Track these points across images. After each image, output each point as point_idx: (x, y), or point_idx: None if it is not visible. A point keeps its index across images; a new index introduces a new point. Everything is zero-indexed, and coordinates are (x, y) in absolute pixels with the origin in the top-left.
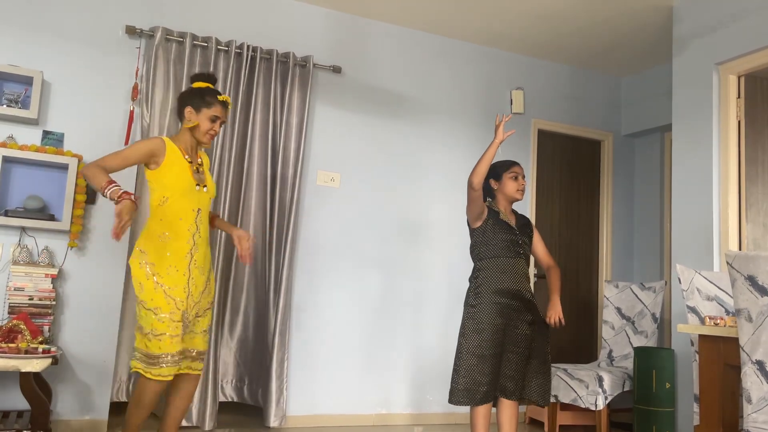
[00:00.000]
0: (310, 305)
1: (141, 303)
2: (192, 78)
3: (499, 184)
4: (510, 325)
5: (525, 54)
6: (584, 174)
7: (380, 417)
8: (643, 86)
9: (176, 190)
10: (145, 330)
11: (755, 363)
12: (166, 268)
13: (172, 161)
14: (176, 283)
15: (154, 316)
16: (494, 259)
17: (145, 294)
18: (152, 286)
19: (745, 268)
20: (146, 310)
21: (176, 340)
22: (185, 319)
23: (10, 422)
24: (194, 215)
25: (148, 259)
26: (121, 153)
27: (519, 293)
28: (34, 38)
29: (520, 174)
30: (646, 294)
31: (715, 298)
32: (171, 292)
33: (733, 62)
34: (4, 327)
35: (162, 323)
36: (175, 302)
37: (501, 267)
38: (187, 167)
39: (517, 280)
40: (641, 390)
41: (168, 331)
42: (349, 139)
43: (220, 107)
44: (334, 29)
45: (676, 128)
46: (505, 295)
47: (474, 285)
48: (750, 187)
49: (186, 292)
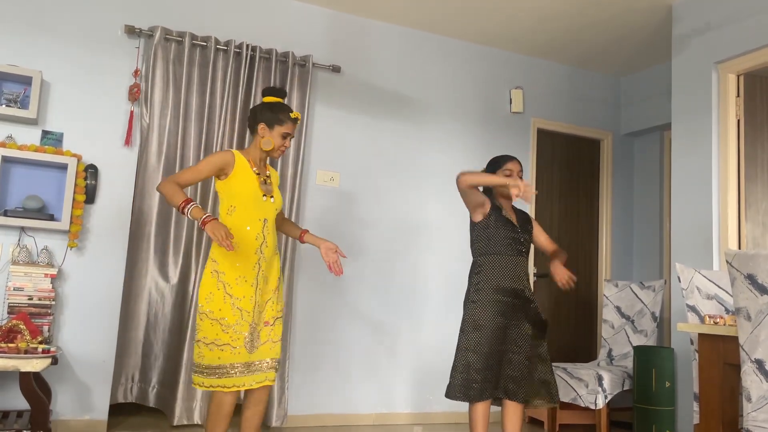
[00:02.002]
0: (310, 305)
1: (205, 313)
2: (263, 92)
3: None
4: (511, 325)
5: (524, 53)
6: (583, 173)
7: (381, 416)
8: (642, 85)
9: (243, 199)
10: (207, 341)
11: (754, 362)
12: (236, 279)
13: (240, 172)
14: (245, 293)
15: (219, 327)
16: (495, 256)
17: (212, 304)
18: (221, 297)
19: (744, 267)
20: (211, 321)
21: (240, 352)
22: (253, 331)
23: (9, 422)
24: (261, 225)
25: (219, 268)
26: (194, 167)
27: (520, 292)
28: (33, 38)
29: (515, 171)
30: (645, 293)
31: (715, 296)
32: (239, 303)
33: (732, 61)
34: (4, 327)
35: (226, 334)
36: (241, 313)
37: (502, 265)
38: (255, 178)
39: (518, 279)
40: (641, 389)
41: (231, 342)
42: (349, 138)
43: (291, 124)
44: (334, 29)
45: (676, 127)
46: (506, 294)
47: (475, 281)
48: (749, 186)
49: (253, 302)
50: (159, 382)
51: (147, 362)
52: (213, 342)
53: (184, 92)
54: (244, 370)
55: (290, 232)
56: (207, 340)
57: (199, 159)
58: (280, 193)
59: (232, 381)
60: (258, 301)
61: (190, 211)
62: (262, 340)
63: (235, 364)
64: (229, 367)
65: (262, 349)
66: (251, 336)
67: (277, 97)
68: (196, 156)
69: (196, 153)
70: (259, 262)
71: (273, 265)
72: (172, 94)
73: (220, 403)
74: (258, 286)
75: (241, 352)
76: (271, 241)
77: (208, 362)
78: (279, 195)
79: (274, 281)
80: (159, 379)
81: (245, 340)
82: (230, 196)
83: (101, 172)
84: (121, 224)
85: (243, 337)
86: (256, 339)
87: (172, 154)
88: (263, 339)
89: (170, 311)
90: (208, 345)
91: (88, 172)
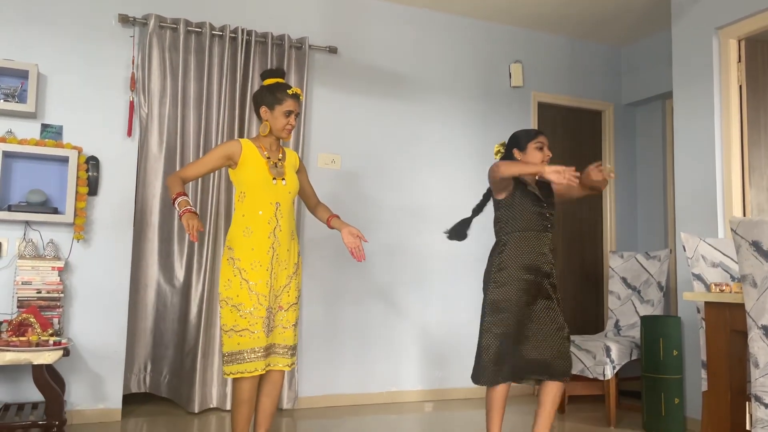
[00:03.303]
0: (317, 288)
1: (225, 300)
2: (261, 76)
3: (523, 154)
4: (535, 302)
5: (523, 27)
6: (586, 145)
7: (391, 395)
8: (642, 54)
9: (251, 185)
10: (226, 328)
11: (761, 328)
12: (251, 264)
13: (248, 158)
14: (260, 277)
15: (237, 313)
16: (521, 233)
17: (231, 290)
18: (238, 283)
19: (749, 234)
20: (230, 308)
21: (258, 336)
22: (270, 315)
23: (25, 414)
24: (273, 209)
25: (234, 255)
26: (200, 160)
27: (542, 269)
28: (27, 31)
29: (545, 144)
30: (651, 263)
31: (720, 264)
32: (255, 287)
33: (732, 26)
34: (15, 321)
35: (244, 319)
36: (258, 298)
37: (528, 241)
38: (264, 163)
39: (542, 256)
40: (649, 358)
41: (249, 327)
42: (348, 119)
43: (292, 100)
44: (329, 9)
45: (677, 95)
46: (531, 271)
47: (498, 261)
48: (753, 152)
49: (268, 287)
50: (170, 371)
51: (157, 352)
52: (232, 329)
53: (182, 80)
54: (265, 354)
55: (321, 217)
56: (226, 328)
57: (199, 146)
58: (298, 176)
59: (251, 366)
60: (273, 286)
61: (178, 203)
62: (275, 323)
63: (255, 348)
64: (249, 351)
65: (275, 333)
66: (268, 320)
67: (275, 77)
68: (196, 143)
69: (197, 140)
70: (273, 246)
71: (290, 249)
72: (169, 82)
73: (239, 389)
74: (273, 271)
75: (260, 336)
76: (285, 225)
77: (228, 349)
78: (293, 177)
79: (291, 266)
80: (170, 368)
81: (263, 323)
82: (239, 183)
83: (103, 164)
84: (125, 214)
85: (261, 320)
86: (271, 321)
87: (172, 143)
88: (276, 323)
89: (178, 300)
90: (227, 332)
91: (90, 163)
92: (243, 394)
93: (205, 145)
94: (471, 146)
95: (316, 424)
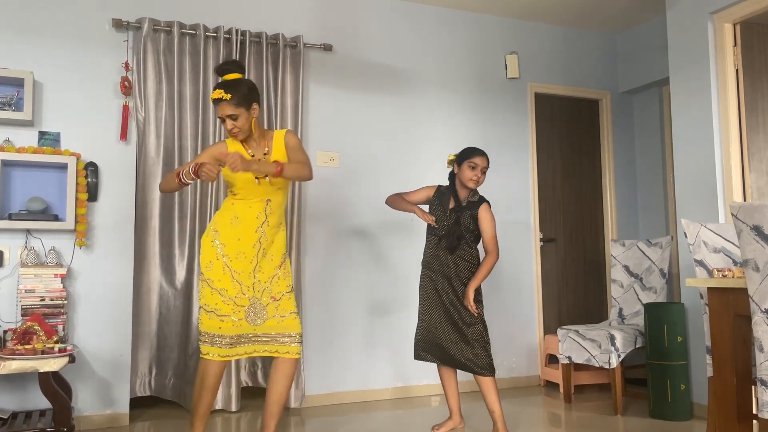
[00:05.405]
0: (320, 286)
1: (207, 281)
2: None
3: (459, 169)
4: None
5: (517, 18)
6: (584, 134)
7: (398, 390)
8: (638, 41)
9: (238, 184)
10: (208, 308)
11: (765, 312)
12: (236, 253)
13: None
14: (243, 267)
15: (219, 297)
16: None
17: (213, 273)
18: (221, 267)
19: (750, 219)
20: (211, 290)
21: (240, 324)
22: (255, 304)
23: (33, 422)
24: (263, 204)
25: (220, 239)
26: (189, 162)
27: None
28: (21, 39)
29: (480, 165)
30: (652, 250)
31: (722, 249)
32: (239, 276)
33: (727, 10)
34: (19, 329)
35: (227, 305)
36: (241, 287)
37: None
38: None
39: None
40: (653, 345)
41: (233, 314)
42: (346, 116)
43: (217, 106)
44: (322, 7)
45: (674, 81)
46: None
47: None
48: (751, 136)
49: (252, 279)
50: (175, 374)
51: (162, 355)
52: (213, 311)
53: (177, 82)
54: (246, 341)
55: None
56: (208, 308)
57: (197, 148)
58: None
59: (227, 351)
60: (259, 279)
61: (184, 174)
62: (269, 314)
63: (240, 335)
64: (230, 338)
65: (270, 323)
66: (252, 307)
67: (219, 74)
68: (194, 146)
69: (194, 143)
70: (260, 240)
71: (276, 242)
72: (165, 85)
73: (205, 371)
74: (257, 264)
75: (243, 324)
76: (273, 220)
77: (206, 329)
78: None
79: (277, 258)
80: (174, 371)
81: (246, 311)
82: (229, 182)
83: (101, 169)
84: (125, 219)
85: (243, 309)
86: (260, 311)
87: (170, 146)
88: (270, 314)
89: (180, 303)
90: (209, 313)
91: (89, 169)
92: (214, 380)
93: (202, 147)
94: (469, 139)
95: (325, 422)
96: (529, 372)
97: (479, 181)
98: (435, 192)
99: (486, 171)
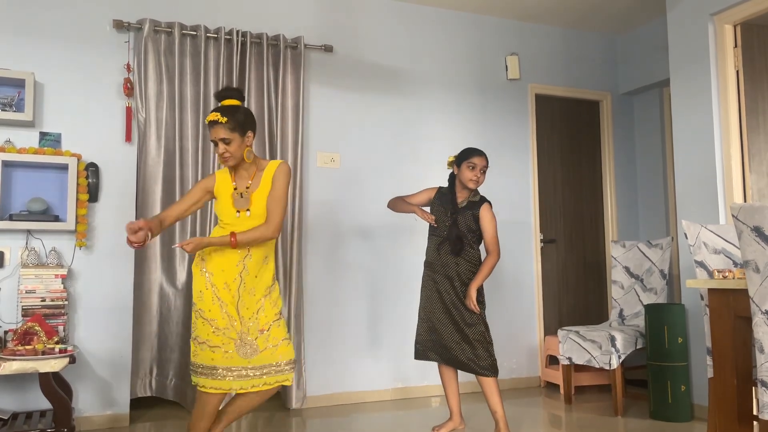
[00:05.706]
0: (321, 287)
1: (198, 311)
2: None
3: (459, 170)
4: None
5: (517, 19)
6: (584, 135)
7: (398, 391)
8: (638, 43)
9: (222, 217)
10: (200, 339)
11: (765, 313)
12: (223, 284)
13: (220, 191)
14: (230, 300)
15: (210, 328)
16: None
17: (204, 303)
18: (210, 297)
19: (750, 220)
20: (203, 320)
21: (232, 356)
22: (243, 337)
23: (33, 423)
24: None
25: (207, 268)
26: (181, 198)
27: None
28: (22, 40)
29: (479, 165)
30: (653, 251)
31: (723, 251)
32: (227, 308)
33: (727, 12)
34: (20, 330)
35: (217, 336)
36: (230, 319)
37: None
38: (229, 195)
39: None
40: (654, 346)
41: (223, 345)
42: (346, 117)
43: (211, 129)
44: (322, 8)
45: (675, 82)
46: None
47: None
48: (752, 137)
49: (237, 312)
50: (175, 374)
51: (163, 355)
52: (205, 342)
53: (178, 83)
54: (238, 376)
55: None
56: (200, 339)
57: (197, 149)
58: (263, 200)
59: (222, 384)
60: (243, 315)
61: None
62: (260, 347)
63: (231, 367)
64: (223, 369)
65: (263, 355)
66: (242, 342)
67: (218, 99)
68: (194, 147)
69: (195, 143)
70: (241, 275)
71: (260, 275)
72: (166, 86)
73: (206, 403)
74: (239, 297)
75: (234, 356)
76: (258, 254)
77: (201, 361)
78: (260, 206)
79: (260, 290)
80: (175, 371)
81: (236, 344)
82: (216, 213)
83: (102, 170)
84: (126, 220)
85: (233, 342)
86: (250, 346)
87: (171, 147)
88: (261, 347)
89: (181, 303)
90: (201, 344)
91: (89, 170)
92: (209, 408)
93: (203, 148)
94: (469, 140)
95: (326, 422)
96: (529, 373)
97: (479, 181)
98: (436, 193)
99: (485, 171)
